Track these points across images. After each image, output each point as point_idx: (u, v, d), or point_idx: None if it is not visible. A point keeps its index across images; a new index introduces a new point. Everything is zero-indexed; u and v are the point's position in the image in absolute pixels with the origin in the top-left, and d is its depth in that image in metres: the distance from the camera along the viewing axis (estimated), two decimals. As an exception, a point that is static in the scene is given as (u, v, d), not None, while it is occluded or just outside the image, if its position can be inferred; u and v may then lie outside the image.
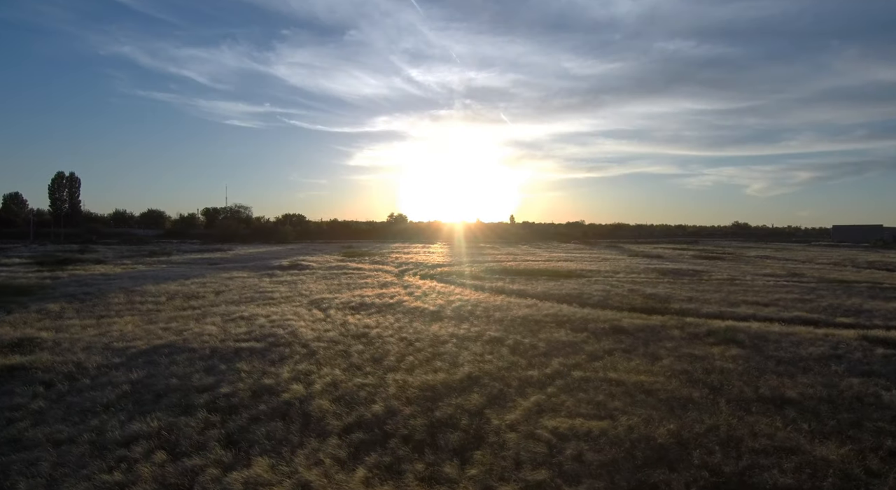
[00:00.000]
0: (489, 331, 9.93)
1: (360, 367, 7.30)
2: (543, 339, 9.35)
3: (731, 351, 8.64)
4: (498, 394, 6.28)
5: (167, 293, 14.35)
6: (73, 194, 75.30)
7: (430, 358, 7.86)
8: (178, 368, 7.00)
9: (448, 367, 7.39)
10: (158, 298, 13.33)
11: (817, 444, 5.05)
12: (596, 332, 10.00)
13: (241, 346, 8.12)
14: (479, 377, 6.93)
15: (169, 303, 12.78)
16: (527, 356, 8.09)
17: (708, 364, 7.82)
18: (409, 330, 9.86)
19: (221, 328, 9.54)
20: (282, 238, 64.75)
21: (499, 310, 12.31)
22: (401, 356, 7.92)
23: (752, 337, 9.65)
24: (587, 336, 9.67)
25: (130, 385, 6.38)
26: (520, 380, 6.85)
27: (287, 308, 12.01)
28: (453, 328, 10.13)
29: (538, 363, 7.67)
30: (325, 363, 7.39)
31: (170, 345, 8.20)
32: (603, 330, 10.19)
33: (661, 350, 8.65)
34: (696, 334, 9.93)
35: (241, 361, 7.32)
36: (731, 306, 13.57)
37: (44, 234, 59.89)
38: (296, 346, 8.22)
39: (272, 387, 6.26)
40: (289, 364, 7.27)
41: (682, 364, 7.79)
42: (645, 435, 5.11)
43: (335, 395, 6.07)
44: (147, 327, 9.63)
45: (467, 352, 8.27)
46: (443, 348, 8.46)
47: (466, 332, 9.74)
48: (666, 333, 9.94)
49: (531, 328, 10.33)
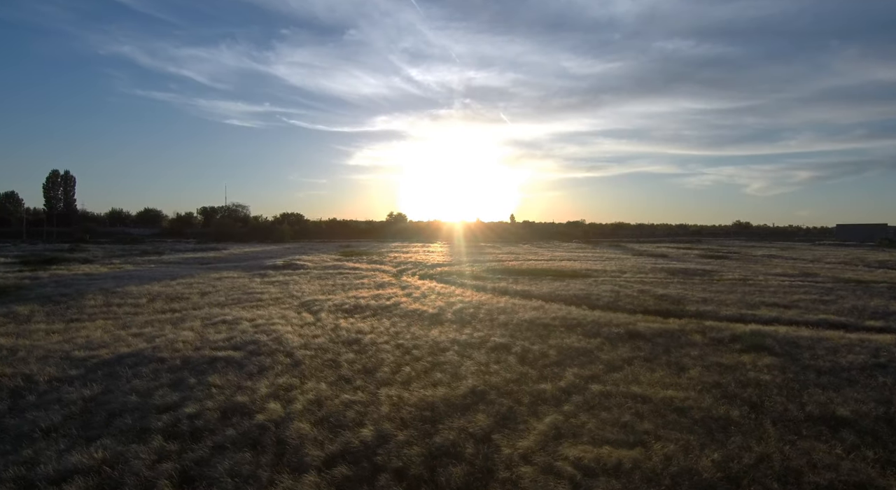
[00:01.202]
0: (494, 336, 9.07)
1: (350, 379, 6.44)
2: (554, 345, 8.49)
3: (763, 359, 7.78)
4: (507, 413, 5.43)
5: (149, 294, 13.47)
6: (68, 193, 74.27)
7: (428, 368, 7.00)
8: (140, 383, 6.13)
9: (449, 379, 6.54)
10: (138, 300, 12.45)
11: (892, 477, 4.21)
12: (610, 338, 9.15)
13: (218, 356, 7.25)
14: (484, 392, 6.07)
15: (149, 305, 11.91)
16: (537, 366, 7.24)
17: (741, 375, 6.97)
18: (407, 335, 9.00)
19: (199, 334, 8.67)
20: (279, 237, 63.81)
21: (503, 312, 11.45)
22: (396, 367, 7.06)
23: (782, 343, 8.81)
24: (601, 342, 8.81)
25: (82, 403, 5.52)
26: (531, 395, 6.00)
27: (275, 311, 11.14)
28: (454, 333, 9.27)
29: (550, 375, 6.82)
30: (310, 375, 6.53)
31: (137, 354, 7.33)
32: (618, 335, 9.34)
33: (685, 359, 7.80)
34: (720, 340, 9.08)
35: (214, 374, 6.45)
36: (750, 308, 12.73)
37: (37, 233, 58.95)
38: (279, 356, 7.35)
39: (245, 406, 5.40)
40: (268, 377, 6.40)
41: (711, 375, 6.95)
42: (686, 468, 4.25)
43: (318, 415, 5.20)
44: (117, 333, 8.75)
45: (470, 361, 7.42)
46: (443, 357, 7.60)
47: (469, 338, 8.89)
48: (687, 339, 9.08)
49: (539, 333, 9.48)
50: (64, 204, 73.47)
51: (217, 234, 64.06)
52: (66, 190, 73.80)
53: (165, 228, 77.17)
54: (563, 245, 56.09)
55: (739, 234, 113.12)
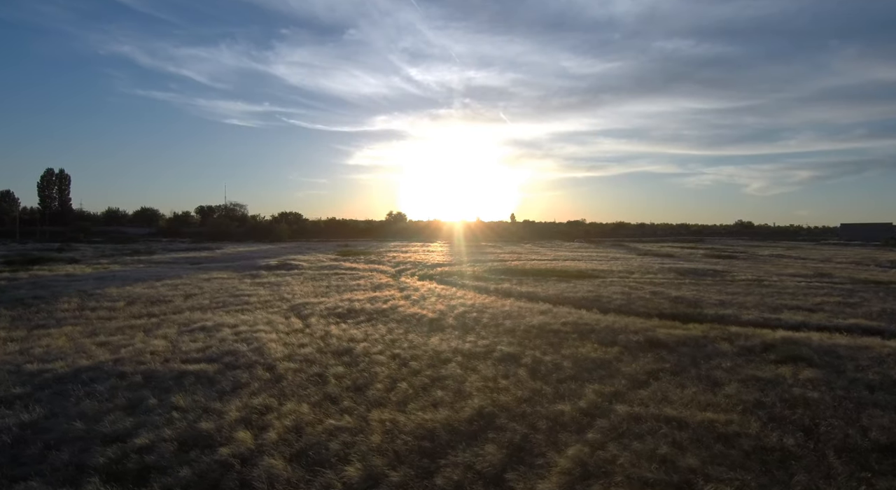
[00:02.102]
0: (500, 345, 8.20)
1: (337, 399, 5.57)
2: (567, 355, 7.62)
3: (805, 372, 6.91)
4: (522, 443, 4.56)
5: (129, 297, 12.59)
6: (63, 192, 73.27)
7: (428, 385, 6.13)
8: (91, 404, 5.26)
9: (452, 398, 5.67)
10: (116, 303, 11.57)
11: None
12: (629, 346, 8.28)
13: (188, 370, 6.37)
14: (492, 415, 5.20)
15: (126, 309, 11.03)
16: (551, 381, 6.37)
17: (784, 392, 6.11)
18: (404, 344, 8.13)
19: (172, 343, 7.79)
20: (276, 237, 62.86)
21: (509, 317, 10.58)
22: (391, 382, 6.18)
23: (820, 352, 7.94)
24: (620, 351, 7.94)
25: (17, 431, 4.65)
26: (548, 418, 5.13)
27: (261, 315, 10.26)
28: (457, 341, 8.40)
29: (568, 392, 5.95)
30: (290, 394, 5.65)
31: (96, 367, 6.45)
32: (637, 343, 8.47)
33: (716, 371, 6.93)
34: (751, 349, 8.22)
35: (179, 393, 5.57)
36: (773, 312, 11.86)
37: (31, 232, 58.04)
38: (258, 369, 6.47)
39: (209, 435, 4.52)
40: (242, 396, 5.53)
41: (751, 392, 6.08)
42: (751, 522, 3.38)
43: (295, 448, 4.33)
44: (81, 342, 7.87)
45: (475, 375, 6.54)
46: (444, 370, 6.73)
47: (473, 347, 8.02)
48: (714, 348, 8.21)
49: (550, 341, 8.61)
50: (59, 203, 72.45)
51: (213, 233, 63.08)
52: (61, 189, 72.80)
53: (162, 228, 76.19)
54: (565, 244, 55.20)
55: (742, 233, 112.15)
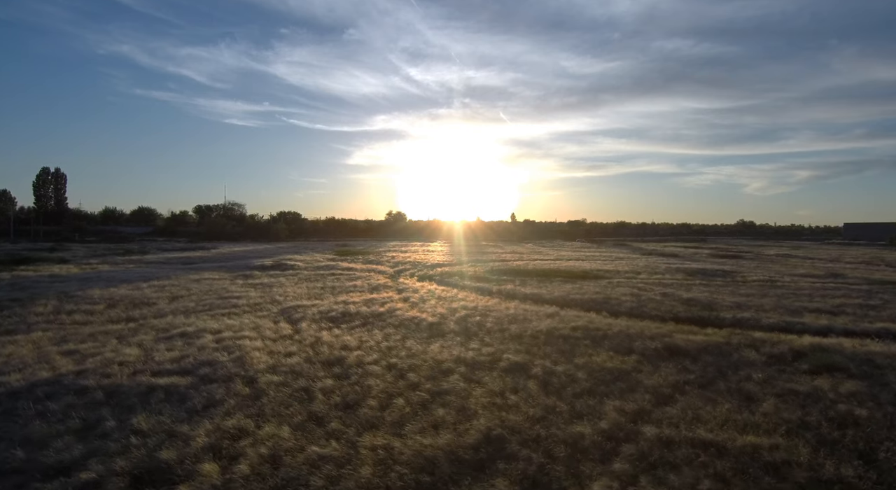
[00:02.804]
0: (507, 353, 7.51)
1: (324, 419, 4.87)
2: (581, 365, 6.93)
3: (845, 385, 6.23)
4: (537, 476, 3.87)
5: (111, 299, 11.90)
6: (59, 191, 72.42)
7: (427, 401, 5.43)
8: (40, 427, 4.56)
9: (455, 417, 4.98)
10: (95, 306, 10.87)
11: None
12: (647, 354, 7.59)
13: (157, 384, 5.68)
14: (502, 439, 4.51)
15: (105, 312, 10.33)
16: (566, 396, 5.68)
17: (828, 409, 5.42)
18: (401, 352, 7.44)
19: (146, 352, 7.10)
20: (274, 236, 62.12)
21: (514, 321, 9.89)
22: (386, 398, 5.49)
23: (856, 361, 7.27)
24: (638, 360, 7.25)
25: (-54, 461, 3.95)
26: (566, 443, 4.44)
27: (248, 320, 9.56)
28: (459, 349, 7.71)
29: (585, 409, 5.25)
30: (271, 413, 4.96)
31: (55, 381, 5.76)
32: (655, 351, 7.78)
33: (748, 384, 6.24)
34: (780, 357, 7.53)
35: (143, 413, 4.87)
36: (793, 315, 11.19)
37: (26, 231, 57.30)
38: (236, 383, 5.77)
39: (169, 468, 3.83)
40: (215, 416, 4.83)
41: (791, 409, 5.39)
42: None
43: (270, 484, 3.64)
44: (47, 350, 7.17)
45: (481, 389, 5.85)
46: (446, 383, 6.04)
47: (476, 355, 7.33)
48: (740, 356, 7.52)
49: (560, 348, 7.92)
50: (55, 202, 71.61)
51: (210, 233, 62.33)
52: (56, 188, 71.94)
53: (159, 227, 75.44)
54: (566, 244, 54.50)
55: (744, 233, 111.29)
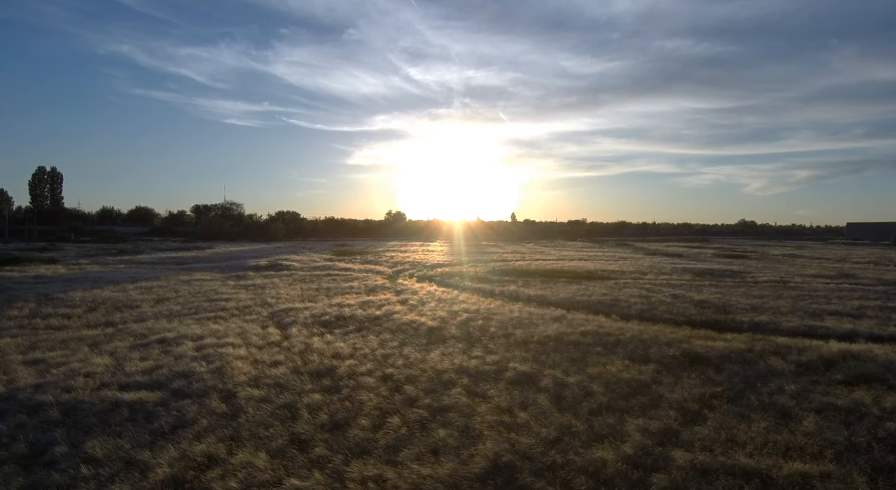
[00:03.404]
0: (513, 361, 6.90)
1: (308, 443, 4.26)
2: (595, 376, 6.32)
3: (888, 398, 5.63)
4: (557, 517, 3.25)
5: (93, 301, 11.27)
6: (56, 190, 71.69)
7: (426, 419, 4.82)
8: (-23, 454, 3.94)
9: (457, 440, 4.37)
10: (74, 310, 10.25)
11: None
12: (666, 363, 6.99)
13: (123, 399, 5.06)
14: (513, 467, 3.90)
15: (84, 316, 9.71)
16: (581, 413, 5.07)
17: (875, 427, 4.82)
18: (398, 361, 6.82)
19: (118, 361, 6.48)
20: (271, 236, 61.44)
21: (519, 325, 9.28)
22: (380, 416, 4.88)
23: (893, 370, 6.66)
24: (656, 370, 6.64)
25: None
26: (587, 473, 3.83)
27: (235, 325, 8.94)
28: (461, 357, 7.09)
29: (605, 429, 4.64)
30: (247, 436, 4.34)
31: (9, 396, 5.14)
32: (674, 359, 7.17)
33: (781, 398, 5.63)
34: (809, 366, 6.93)
35: (100, 435, 4.26)
36: (813, 318, 10.59)
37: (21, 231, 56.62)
38: (212, 399, 5.15)
39: (117, 509, 3.21)
40: (182, 440, 4.21)
41: (836, 429, 4.78)
42: None
43: (236, 531, 3.02)
44: (10, 359, 6.55)
45: (486, 405, 5.24)
46: (447, 397, 5.43)
47: (480, 364, 6.72)
48: (766, 365, 6.91)
49: (571, 355, 7.31)
50: (51, 201, 70.86)
51: (207, 232, 61.64)
52: (53, 187, 71.20)
53: (156, 227, 74.75)
54: (568, 244, 53.87)
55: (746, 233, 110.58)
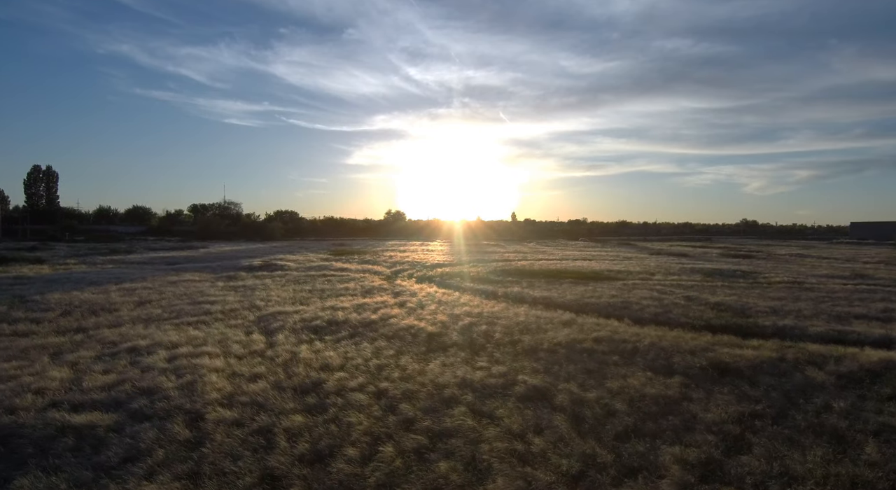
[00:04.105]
0: (522, 373, 6.18)
1: (282, 483, 3.54)
2: (616, 391, 5.60)
3: (955, 419, 4.90)
4: None
5: (69, 305, 10.54)
6: (51, 189, 70.85)
7: (425, 448, 4.10)
8: None
9: (462, 476, 3.65)
10: (47, 314, 9.52)
11: None
12: (691, 374, 6.27)
13: (72, 422, 4.34)
14: (531, 514, 3.18)
15: (55, 321, 8.98)
16: (606, 438, 4.35)
17: (954, 457, 4.10)
18: (394, 374, 6.09)
19: (78, 374, 5.75)
20: (269, 235, 60.66)
21: (526, 330, 8.56)
22: (371, 443, 4.16)
23: (948, 383, 5.94)
24: (683, 383, 5.93)
25: None
26: (622, 522, 3.10)
27: (217, 330, 8.21)
28: (464, 368, 6.37)
29: (637, 460, 3.93)
30: (210, 472, 3.62)
31: (-62, 420, 4.41)
32: (701, 370, 6.46)
33: (831, 417, 4.92)
34: (852, 378, 6.21)
35: (35, 469, 3.53)
36: (840, 322, 9.88)
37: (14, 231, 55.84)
38: (175, 422, 4.42)
39: None
40: (129, 478, 3.49)
41: (906, 458, 4.06)
42: None
43: None
44: (-43, 372, 5.82)
45: (494, 428, 4.52)
46: (449, 418, 4.71)
47: (486, 377, 6.00)
48: (804, 377, 6.20)
49: (585, 366, 6.59)
50: (46, 200, 70.00)
51: (203, 232, 60.81)
52: (48, 186, 70.35)
53: (153, 227, 73.97)
54: (570, 244, 53.15)
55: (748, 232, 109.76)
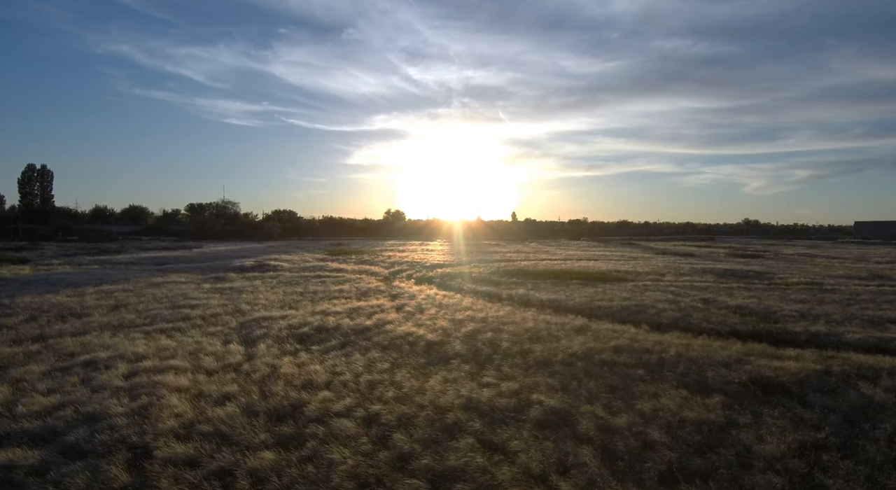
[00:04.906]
0: (536, 391, 5.34)
1: (237, 551, 2.68)
2: (649, 414, 4.76)
3: None
4: None
5: (37, 309, 9.68)
6: (46, 188, 69.75)
7: (425, 497, 3.25)
8: None
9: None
10: (10, 319, 8.66)
11: None
12: (731, 392, 5.44)
13: (-17, 465, 3.49)
14: None
15: (17, 327, 8.12)
16: (648, 483, 3.51)
17: None
18: (387, 393, 5.25)
19: (16, 395, 4.89)
20: (265, 235, 59.73)
21: (537, 339, 7.72)
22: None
23: None
24: (725, 403, 5.09)
25: None
26: None
27: (191, 339, 7.35)
28: (469, 385, 5.53)
29: (692, 515, 3.08)
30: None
31: None
32: (740, 386, 5.63)
33: (913, 450, 4.07)
34: (917, 396, 5.37)
35: None
36: (876, 328, 9.08)
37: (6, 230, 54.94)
38: (113, 462, 3.57)
39: None
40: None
41: None
42: None
43: None
44: None
45: (508, 467, 3.68)
46: (453, 453, 3.86)
47: (495, 396, 5.16)
48: (860, 395, 5.37)
49: (608, 381, 5.75)
50: (41, 200, 68.97)
51: (199, 231, 59.91)
52: (42, 185, 69.26)
53: (149, 226, 73.06)
54: (572, 243, 52.28)
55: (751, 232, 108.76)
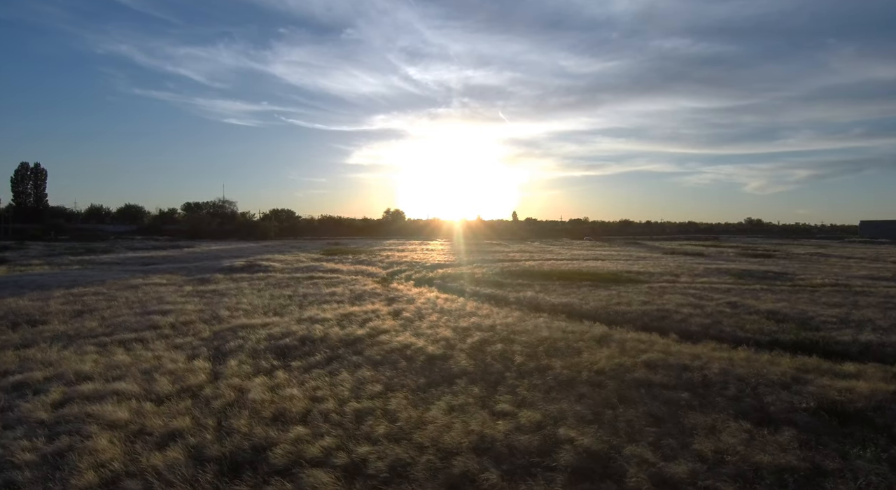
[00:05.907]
0: (564, 424, 4.31)
1: None
2: (710, 456, 3.74)
3: None
4: None
5: (-9, 315, 8.65)
6: (39, 187, 68.56)
7: None
8: None
9: None
10: (-48, 328, 7.64)
11: None
12: (800, 423, 4.43)
13: None
14: None
15: (-44, 338, 7.10)
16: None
17: None
18: (379, 427, 4.21)
19: None
20: (262, 234, 58.56)
21: (554, 351, 6.69)
22: None
23: None
24: (800, 440, 4.07)
25: None
26: None
27: (151, 354, 6.30)
28: (480, 414, 4.50)
29: None
30: None
31: None
32: (809, 414, 4.61)
33: None
34: None
35: None
36: (933, 337, 8.02)
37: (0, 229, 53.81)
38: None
39: None
40: None
41: None
42: None
43: None
44: None
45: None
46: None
47: (513, 431, 4.13)
48: (967, 429, 4.33)
49: (648, 408, 4.72)
50: (34, 199, 67.90)
51: (194, 230, 58.71)
52: (36, 184, 68.07)
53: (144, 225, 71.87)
54: (575, 243, 51.19)
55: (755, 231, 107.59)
